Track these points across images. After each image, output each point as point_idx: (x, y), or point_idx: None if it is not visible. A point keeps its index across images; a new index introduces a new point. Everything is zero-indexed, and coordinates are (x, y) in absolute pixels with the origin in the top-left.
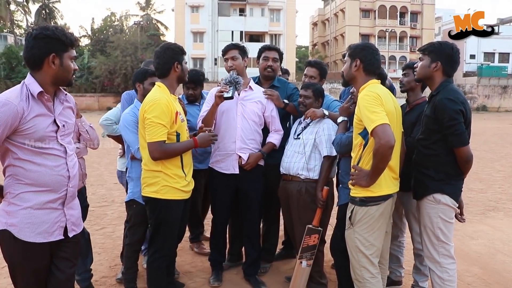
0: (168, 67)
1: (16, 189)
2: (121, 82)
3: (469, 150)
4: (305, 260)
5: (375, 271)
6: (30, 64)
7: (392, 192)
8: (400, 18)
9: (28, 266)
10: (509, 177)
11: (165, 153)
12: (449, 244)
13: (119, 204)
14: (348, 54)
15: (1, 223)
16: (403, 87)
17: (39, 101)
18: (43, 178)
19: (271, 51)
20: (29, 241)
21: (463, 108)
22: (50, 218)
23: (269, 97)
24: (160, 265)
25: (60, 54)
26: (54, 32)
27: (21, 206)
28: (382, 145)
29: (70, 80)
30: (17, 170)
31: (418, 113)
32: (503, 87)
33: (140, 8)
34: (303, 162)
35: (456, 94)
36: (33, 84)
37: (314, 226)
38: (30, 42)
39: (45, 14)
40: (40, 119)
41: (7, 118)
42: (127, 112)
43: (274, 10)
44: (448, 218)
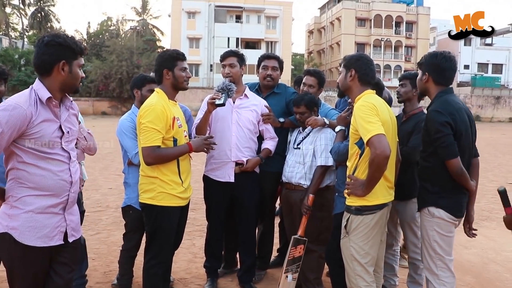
0: (160, 74)
1: (18, 193)
2: (116, 86)
3: (458, 162)
4: (291, 273)
5: (370, 279)
6: (40, 70)
7: (387, 201)
8: (396, 27)
9: (28, 270)
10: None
11: (159, 158)
12: (445, 258)
13: (114, 209)
14: (343, 65)
15: (2, 226)
16: (400, 98)
17: (47, 107)
18: (46, 182)
19: (271, 59)
20: (30, 245)
21: (450, 119)
22: (51, 223)
23: (266, 121)
24: (156, 272)
25: (70, 61)
26: (65, 40)
27: (23, 209)
28: (378, 155)
29: (77, 87)
30: (20, 173)
31: (414, 123)
32: (496, 98)
33: (137, 13)
34: (304, 172)
35: (445, 105)
36: (41, 90)
37: (299, 236)
38: (41, 48)
39: (41, 17)
40: (47, 124)
41: (16, 122)
42: (124, 118)
43: (270, 17)
44: (444, 232)
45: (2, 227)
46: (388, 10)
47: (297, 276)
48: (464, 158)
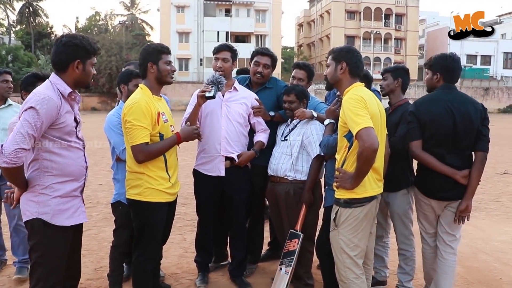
0: (144, 67)
1: (45, 181)
2: (106, 82)
3: (412, 146)
4: (284, 266)
5: (359, 271)
6: (57, 67)
7: (376, 193)
8: (385, 20)
9: (60, 249)
10: (491, 177)
11: (150, 154)
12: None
13: (104, 205)
14: (332, 58)
15: (31, 213)
16: (383, 91)
17: (65, 100)
18: (69, 168)
19: (264, 56)
20: (62, 225)
21: (414, 109)
22: (74, 204)
23: (257, 113)
24: (145, 268)
25: (84, 60)
26: (81, 41)
27: (51, 195)
28: (366, 148)
29: (89, 83)
30: (46, 163)
31: (400, 113)
32: (485, 89)
33: (125, 7)
34: (291, 163)
35: (422, 98)
36: (61, 85)
37: (295, 230)
38: (59, 47)
39: (29, 13)
40: (68, 115)
41: (52, 113)
42: (111, 114)
43: (260, 10)
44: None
45: (31, 214)
46: (378, 2)
47: (290, 270)
48: (442, 147)
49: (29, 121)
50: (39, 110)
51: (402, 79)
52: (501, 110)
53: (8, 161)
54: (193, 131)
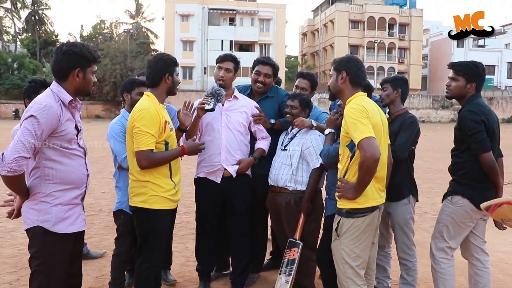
0: (159, 78)
1: (47, 189)
2: (110, 90)
3: (490, 156)
4: (285, 275)
5: (361, 282)
6: (58, 75)
7: (379, 203)
8: (389, 29)
9: (61, 256)
10: None
11: (153, 161)
12: (448, 242)
13: (107, 213)
14: (334, 68)
15: (32, 221)
16: (383, 101)
17: (66, 108)
18: (70, 176)
19: (265, 66)
20: (62, 232)
21: (484, 118)
22: (75, 212)
23: (257, 121)
24: (148, 276)
25: (84, 69)
26: (81, 50)
27: (52, 203)
28: (368, 158)
29: (89, 91)
30: (47, 171)
31: (400, 122)
32: (489, 99)
33: (130, 16)
34: (291, 173)
35: (478, 107)
36: (62, 93)
37: (294, 239)
38: (59, 56)
39: (34, 21)
40: (68, 123)
41: (52, 121)
42: (114, 122)
43: (264, 20)
44: (458, 221)
45: (31, 222)
46: (381, 12)
47: (290, 279)
48: (494, 155)
49: (29, 129)
50: (40, 119)
51: (401, 89)
52: (505, 120)
53: (8, 169)
54: (198, 146)
